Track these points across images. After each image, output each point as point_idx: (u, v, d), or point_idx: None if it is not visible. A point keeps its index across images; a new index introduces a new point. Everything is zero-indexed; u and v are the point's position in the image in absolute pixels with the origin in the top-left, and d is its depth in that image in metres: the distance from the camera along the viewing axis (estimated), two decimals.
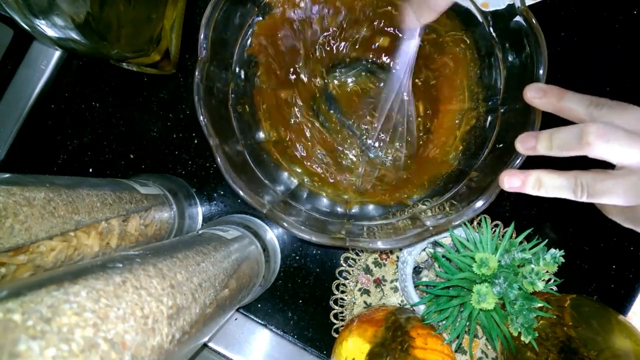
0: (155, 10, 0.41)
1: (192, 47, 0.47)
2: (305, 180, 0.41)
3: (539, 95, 0.30)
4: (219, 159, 0.33)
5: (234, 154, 0.35)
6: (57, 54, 0.46)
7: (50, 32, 0.34)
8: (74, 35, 0.35)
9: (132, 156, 0.48)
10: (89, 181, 0.35)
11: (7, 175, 0.30)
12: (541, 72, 0.32)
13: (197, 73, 0.33)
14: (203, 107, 0.33)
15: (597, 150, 0.26)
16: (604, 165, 0.28)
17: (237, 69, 0.38)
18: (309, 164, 0.41)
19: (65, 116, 0.48)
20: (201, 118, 0.33)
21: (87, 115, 0.48)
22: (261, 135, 0.40)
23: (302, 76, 0.41)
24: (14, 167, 0.47)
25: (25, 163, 0.49)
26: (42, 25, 0.33)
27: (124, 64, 0.43)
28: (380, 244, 0.33)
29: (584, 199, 0.27)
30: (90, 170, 0.49)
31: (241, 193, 0.33)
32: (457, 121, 0.41)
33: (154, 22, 0.42)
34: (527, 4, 0.42)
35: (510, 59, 0.36)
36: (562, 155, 0.28)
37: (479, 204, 0.32)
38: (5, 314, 0.15)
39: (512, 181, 0.30)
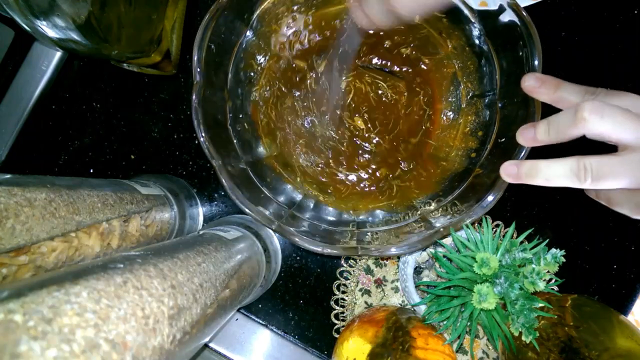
0: (156, 10, 0.41)
1: (192, 48, 0.47)
2: (310, 190, 0.41)
3: (537, 84, 0.30)
4: (224, 180, 0.33)
5: (238, 172, 0.35)
6: (58, 54, 0.46)
7: (51, 33, 0.34)
8: (74, 36, 0.35)
9: (132, 157, 0.48)
10: (89, 182, 0.35)
11: (8, 175, 0.30)
12: (536, 62, 0.32)
13: (194, 97, 0.33)
14: (203, 130, 0.33)
15: (593, 126, 0.26)
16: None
17: (233, 88, 0.38)
18: (311, 170, 0.41)
19: (66, 117, 0.48)
20: (202, 140, 0.33)
21: (88, 115, 0.48)
22: (262, 150, 0.40)
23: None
24: (15, 167, 0.48)
25: (26, 164, 0.49)
26: (43, 26, 0.33)
27: (125, 64, 0.43)
28: (393, 250, 0.33)
29: (589, 184, 0.26)
30: (91, 170, 0.49)
31: (250, 212, 0.33)
32: (456, 118, 0.41)
33: (154, 23, 0.42)
34: (527, 4, 0.42)
35: (505, 53, 0.36)
36: (561, 140, 0.28)
37: (489, 199, 0.32)
38: (7, 314, 0.15)
39: (509, 169, 0.30)
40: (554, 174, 0.28)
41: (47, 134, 0.48)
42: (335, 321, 0.46)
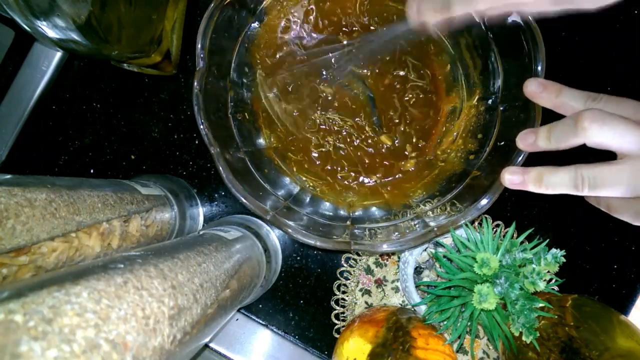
0: (156, 11, 0.41)
1: (193, 48, 0.47)
2: (307, 185, 0.41)
3: (539, 90, 0.30)
4: (220, 168, 0.33)
5: (235, 162, 0.35)
6: (58, 55, 0.46)
7: (51, 33, 0.34)
8: (75, 36, 0.35)
9: (133, 157, 0.48)
10: (90, 182, 0.35)
11: (9, 176, 0.30)
12: (540, 68, 0.32)
13: (195, 84, 0.33)
14: (203, 117, 0.33)
15: (593, 134, 0.26)
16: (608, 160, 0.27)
17: (235, 77, 0.38)
18: (310, 162, 0.41)
19: (66, 117, 0.48)
20: (202, 127, 0.33)
21: (88, 116, 0.48)
22: (261, 141, 0.41)
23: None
24: (15, 168, 0.48)
25: (26, 164, 0.49)
26: (43, 27, 0.33)
27: (125, 64, 0.43)
28: (385, 247, 0.33)
29: (586, 192, 0.27)
30: (92, 171, 0.49)
31: (244, 201, 0.33)
32: (456, 120, 0.41)
33: (154, 23, 0.42)
34: None
35: (508, 56, 0.36)
36: (562, 147, 0.28)
37: (483, 202, 0.32)
38: (7, 314, 0.15)
39: (514, 178, 0.30)
40: (553, 182, 0.28)
41: (47, 134, 0.48)
42: (336, 321, 0.46)
